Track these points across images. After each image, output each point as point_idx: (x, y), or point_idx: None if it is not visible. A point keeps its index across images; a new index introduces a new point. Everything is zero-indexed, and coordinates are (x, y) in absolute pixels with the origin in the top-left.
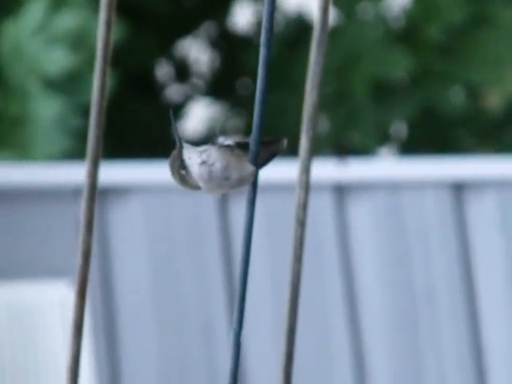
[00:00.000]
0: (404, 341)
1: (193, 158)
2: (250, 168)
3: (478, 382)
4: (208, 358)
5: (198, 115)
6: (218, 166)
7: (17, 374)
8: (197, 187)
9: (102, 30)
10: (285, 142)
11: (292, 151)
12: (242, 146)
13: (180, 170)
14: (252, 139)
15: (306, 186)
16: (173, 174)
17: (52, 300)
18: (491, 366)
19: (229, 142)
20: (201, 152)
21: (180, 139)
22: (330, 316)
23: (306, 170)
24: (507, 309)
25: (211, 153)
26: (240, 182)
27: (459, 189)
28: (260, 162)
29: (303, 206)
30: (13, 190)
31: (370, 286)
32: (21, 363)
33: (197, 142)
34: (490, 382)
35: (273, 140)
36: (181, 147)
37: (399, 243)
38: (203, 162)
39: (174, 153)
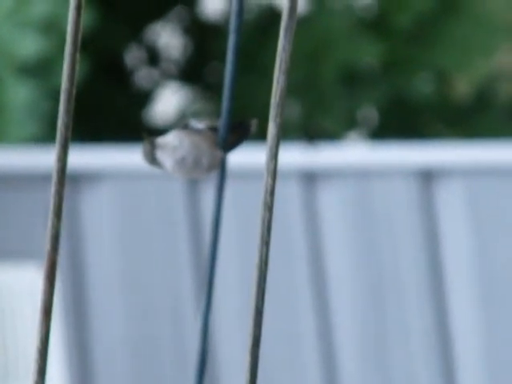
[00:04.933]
0: (372, 324)
1: (165, 154)
2: (220, 153)
3: (445, 362)
4: (177, 341)
5: (168, 100)
6: (189, 158)
7: None
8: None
9: (72, 15)
10: (254, 124)
11: (261, 136)
12: (214, 130)
13: (153, 163)
14: (221, 124)
15: (273, 172)
16: (145, 160)
17: (21, 282)
18: (457, 344)
19: (200, 125)
20: (173, 149)
21: (151, 137)
22: (297, 299)
23: (273, 157)
24: (473, 292)
25: (183, 142)
26: (211, 168)
27: (427, 175)
28: (228, 145)
29: (271, 192)
30: None
31: (338, 271)
32: None
33: (168, 128)
34: (457, 363)
35: (241, 123)
36: (152, 147)
37: (367, 229)
38: (176, 158)
39: (146, 148)
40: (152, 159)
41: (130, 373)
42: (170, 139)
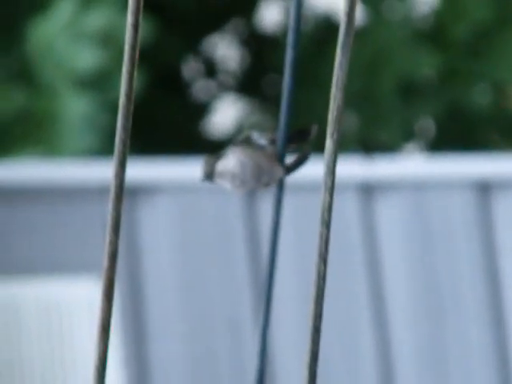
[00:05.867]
0: (430, 339)
1: (225, 180)
2: (279, 171)
3: (503, 378)
4: (235, 356)
5: (226, 112)
6: (249, 181)
7: (44, 369)
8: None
9: (129, 32)
10: (315, 129)
11: (319, 149)
12: (274, 143)
13: (213, 180)
14: (279, 140)
15: (331, 188)
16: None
17: (79, 296)
18: None
19: (263, 140)
20: (233, 175)
21: (210, 159)
22: (355, 312)
23: (330, 173)
24: None
25: (244, 166)
26: (269, 184)
27: (485, 187)
28: (290, 166)
29: (328, 208)
30: (41, 188)
31: (396, 284)
32: (48, 357)
33: (226, 141)
34: None
35: (301, 130)
36: (212, 171)
37: (425, 240)
38: (236, 184)
39: (206, 171)
40: (211, 181)
41: None
42: (231, 163)
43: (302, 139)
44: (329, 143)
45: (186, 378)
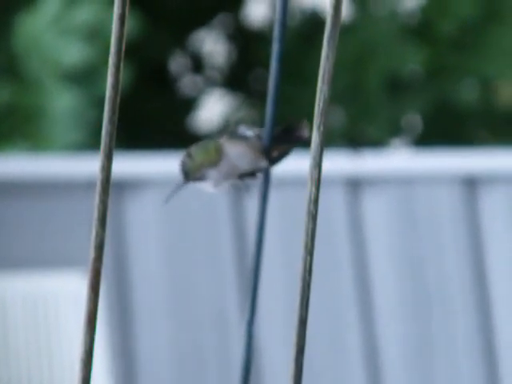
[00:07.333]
0: (416, 332)
1: (209, 173)
2: (263, 162)
3: (489, 371)
4: (221, 348)
5: (212, 107)
6: (231, 166)
7: (31, 363)
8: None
9: (116, 25)
10: (305, 127)
11: (305, 143)
12: (260, 138)
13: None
14: (265, 134)
15: (317, 180)
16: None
17: (66, 290)
18: (502, 355)
19: (249, 132)
20: (216, 166)
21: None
22: (343, 308)
23: (317, 165)
24: None
25: (228, 152)
26: (252, 176)
27: (471, 182)
28: (274, 156)
29: (314, 201)
30: (28, 182)
31: (382, 279)
32: (34, 352)
33: (214, 134)
34: (502, 373)
35: (290, 128)
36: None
37: (411, 235)
38: (219, 168)
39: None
40: (192, 180)
41: (175, 381)
42: (213, 173)
43: (289, 139)
44: (315, 136)
45: (173, 371)
